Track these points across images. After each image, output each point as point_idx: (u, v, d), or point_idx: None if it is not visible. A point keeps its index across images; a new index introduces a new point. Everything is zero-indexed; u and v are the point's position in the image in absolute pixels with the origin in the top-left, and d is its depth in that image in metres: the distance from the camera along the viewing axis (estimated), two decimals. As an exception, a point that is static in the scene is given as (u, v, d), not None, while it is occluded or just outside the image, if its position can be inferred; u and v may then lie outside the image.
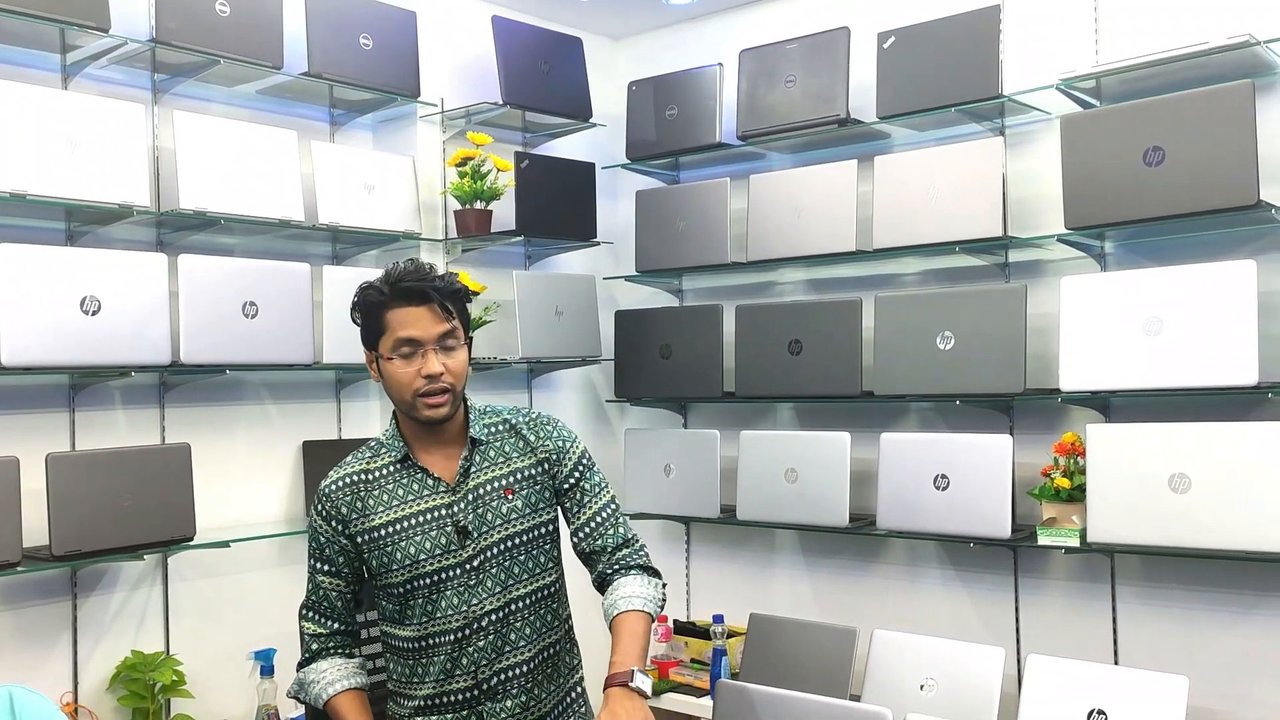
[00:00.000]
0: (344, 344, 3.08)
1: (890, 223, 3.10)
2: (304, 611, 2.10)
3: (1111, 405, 2.89)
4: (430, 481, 2.00)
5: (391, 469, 2.02)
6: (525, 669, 2.00)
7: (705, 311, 3.50)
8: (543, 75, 3.49)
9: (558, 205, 3.51)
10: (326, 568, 2.05)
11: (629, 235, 3.82)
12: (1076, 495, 2.79)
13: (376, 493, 2.01)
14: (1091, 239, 2.89)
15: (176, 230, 2.92)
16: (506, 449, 2.06)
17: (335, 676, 2.03)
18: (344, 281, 3.10)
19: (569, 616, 2.13)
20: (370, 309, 1.98)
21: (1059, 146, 2.83)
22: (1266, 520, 2.47)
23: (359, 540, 2.01)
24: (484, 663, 1.96)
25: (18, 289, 2.45)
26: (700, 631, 3.56)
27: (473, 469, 2.02)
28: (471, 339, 2.05)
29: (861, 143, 3.37)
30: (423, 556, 1.97)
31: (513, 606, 1.99)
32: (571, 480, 2.09)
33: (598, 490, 2.12)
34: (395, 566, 1.98)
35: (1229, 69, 2.65)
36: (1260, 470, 2.48)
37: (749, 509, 3.35)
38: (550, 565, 2.07)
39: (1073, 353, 2.75)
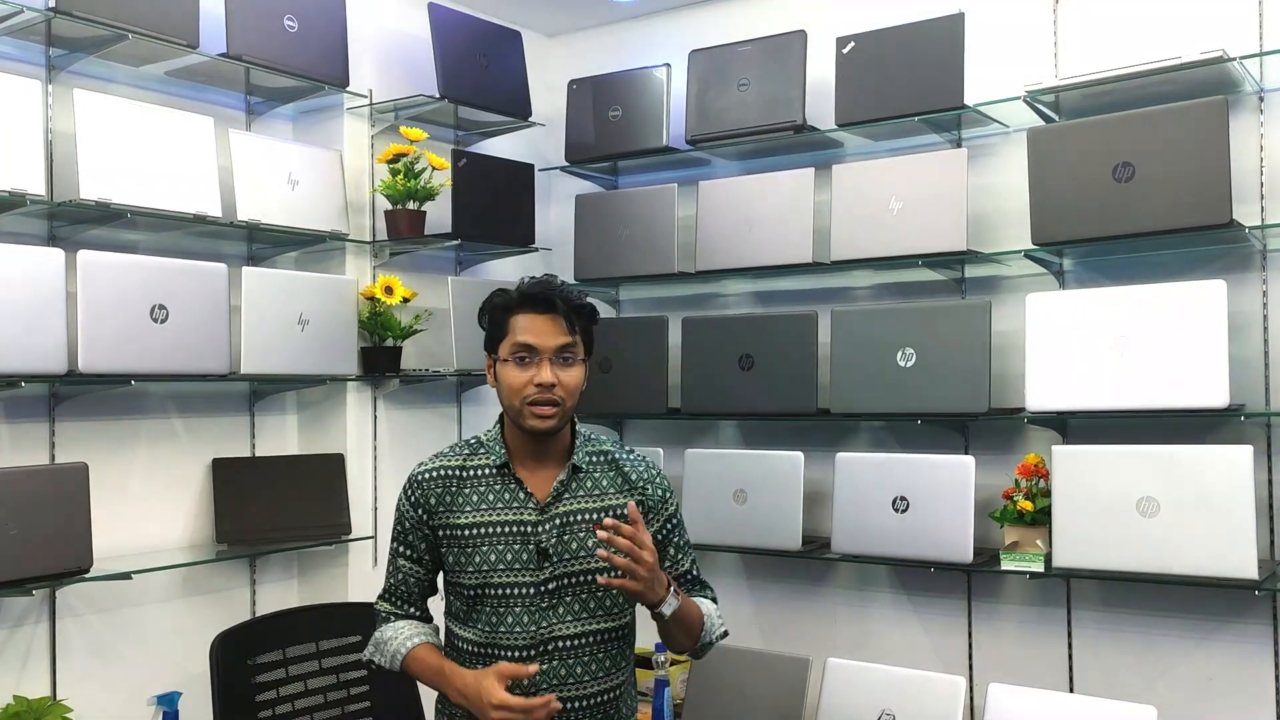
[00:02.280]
0: (264, 352, 2.81)
1: (849, 234, 2.99)
2: (381, 594, 2.11)
3: (1070, 426, 2.83)
4: (522, 495, 1.99)
5: (487, 471, 2.01)
6: (586, 704, 1.98)
7: (650, 324, 3.34)
8: (482, 69, 3.28)
9: (495, 208, 3.30)
10: (408, 552, 2.05)
11: (565, 241, 3.63)
12: (1040, 519, 2.71)
13: (468, 491, 2.00)
14: (1052, 255, 2.83)
15: (74, 223, 2.61)
16: (604, 483, 2.04)
17: (414, 631, 2.04)
18: (266, 284, 2.83)
19: (633, 661, 2.13)
20: (496, 311, 2.00)
21: (1021, 160, 2.77)
22: (1234, 545, 2.42)
23: (440, 533, 2.01)
24: (546, 688, 1.94)
25: (-112, 285, 2.13)
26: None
27: (566, 494, 2.00)
28: (587, 360, 2.02)
29: (813, 151, 3.26)
30: (501, 567, 1.96)
31: (589, 639, 1.98)
32: (667, 529, 2.09)
33: (685, 549, 2.14)
34: (470, 568, 1.97)
35: (1195, 86, 2.62)
36: (1229, 494, 2.43)
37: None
38: (627, 607, 2.04)
39: (1038, 372, 2.67)
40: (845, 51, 3.01)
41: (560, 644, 1.96)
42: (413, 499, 2.03)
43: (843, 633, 3.21)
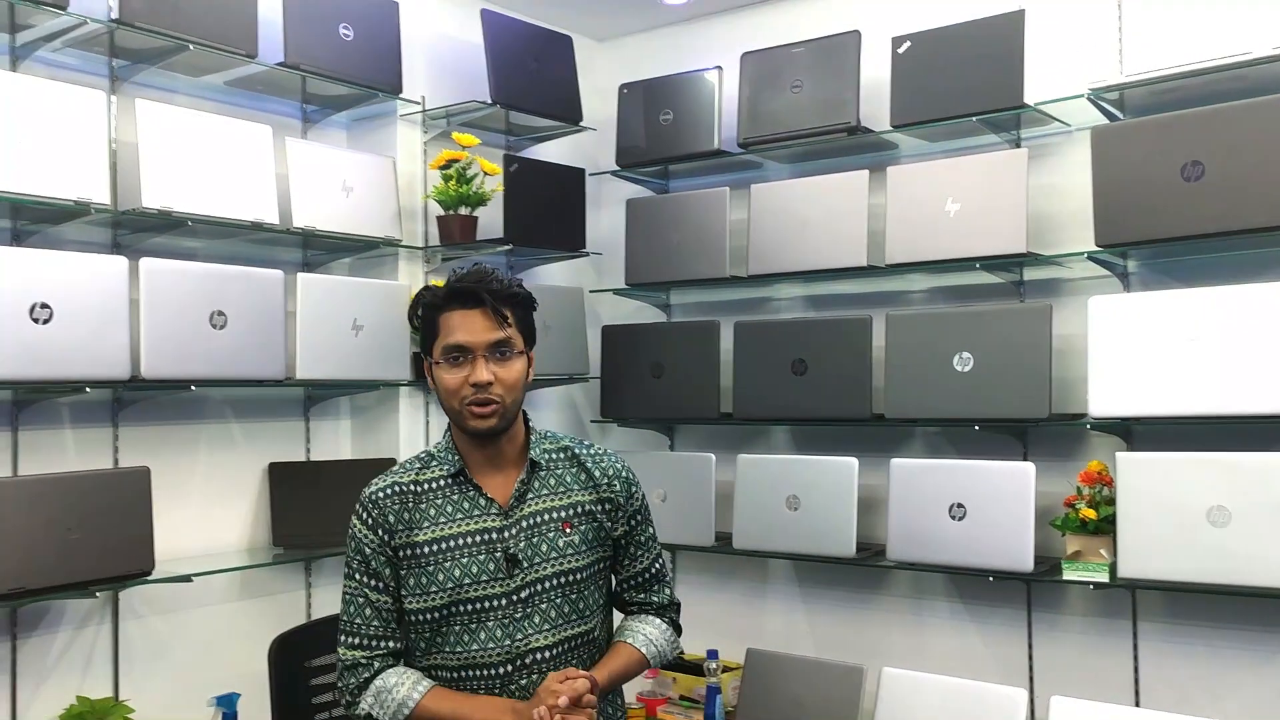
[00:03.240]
0: (318, 358, 2.83)
1: (904, 237, 2.94)
2: (346, 639, 1.90)
3: (1135, 433, 2.76)
4: (483, 501, 1.89)
5: (442, 483, 1.90)
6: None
7: (701, 328, 3.32)
8: (532, 74, 3.28)
9: (546, 213, 3.30)
10: (374, 582, 1.89)
11: (615, 246, 3.62)
12: (1104, 528, 2.64)
13: (424, 506, 1.89)
14: (1116, 257, 2.76)
15: (136, 231, 2.65)
16: (567, 479, 1.96)
17: (419, 677, 1.88)
18: (321, 290, 2.86)
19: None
20: (425, 311, 1.90)
21: (1084, 159, 2.71)
22: (1309, 556, 2.34)
23: (400, 555, 1.88)
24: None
25: (-42, 293, 2.18)
26: (689, 667, 3.35)
27: (529, 494, 1.91)
28: (528, 352, 1.92)
29: (867, 153, 3.22)
30: (467, 581, 1.85)
31: (565, 646, 1.89)
32: (628, 526, 2.01)
33: (651, 543, 2.07)
34: (434, 589, 1.85)
35: (1266, 82, 2.54)
36: (1303, 503, 2.35)
37: (746, 537, 3.16)
38: (596, 610, 1.97)
39: (1102, 377, 2.61)
40: (901, 51, 2.97)
41: (537, 656, 1.86)
42: (370, 521, 1.89)
43: (898, 642, 3.16)
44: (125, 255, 2.53)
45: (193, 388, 2.61)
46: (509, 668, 1.85)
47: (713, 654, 3.21)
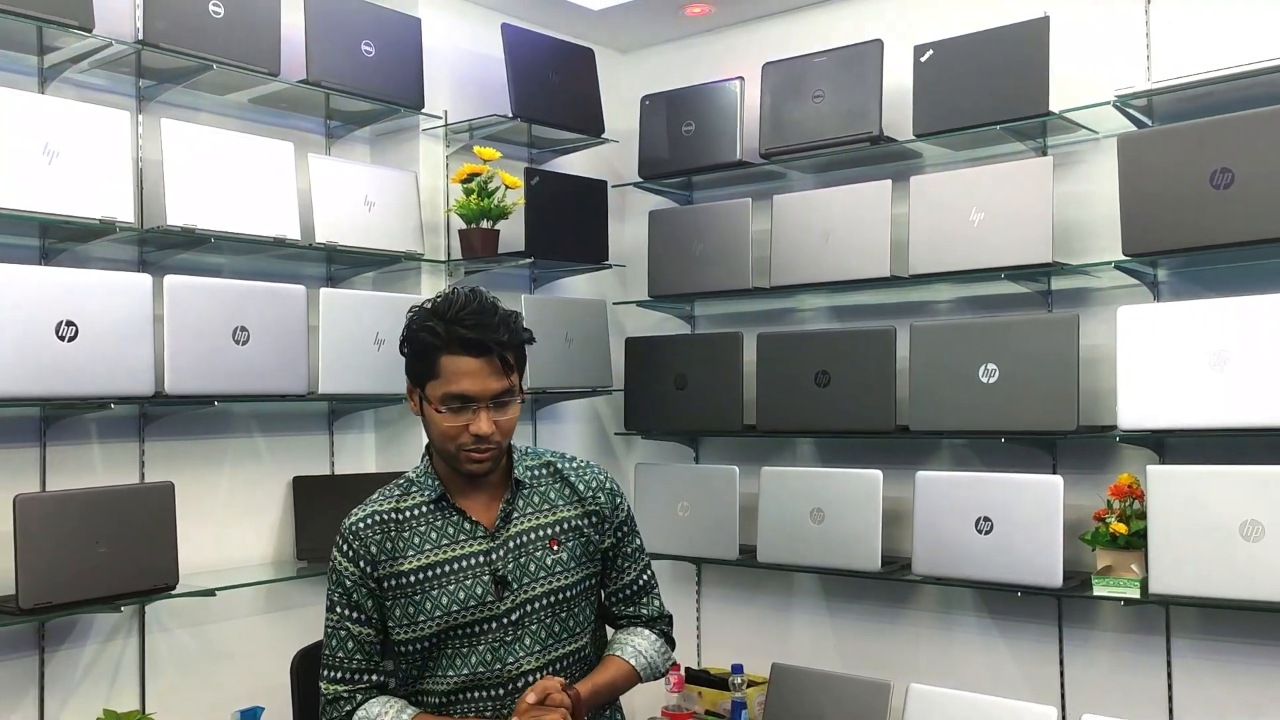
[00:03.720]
0: (341, 372, 2.84)
1: (928, 247, 2.91)
2: (329, 673, 1.86)
3: (1166, 445, 2.70)
4: (467, 525, 1.84)
5: (424, 509, 1.85)
6: None
7: (724, 340, 3.30)
8: (553, 87, 3.28)
9: (568, 225, 3.30)
10: (357, 615, 1.84)
11: (638, 257, 3.61)
12: (1135, 542, 2.59)
13: (408, 534, 1.84)
14: (1145, 266, 2.71)
15: (161, 249, 2.68)
16: (551, 495, 1.92)
17: (401, 705, 1.84)
18: (343, 305, 2.87)
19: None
20: (424, 350, 1.80)
21: (1109, 167, 2.67)
22: (1346, 572, 2.29)
23: (385, 585, 1.83)
24: None
25: (-13, 312, 2.21)
26: (714, 681, 3.33)
27: (515, 514, 1.87)
28: (522, 390, 1.88)
29: (890, 163, 3.19)
30: (455, 608, 1.80)
31: (555, 667, 1.86)
32: (614, 539, 1.98)
33: (638, 555, 2.04)
34: (423, 618, 1.81)
35: (1295, 88, 2.49)
36: (1340, 518, 2.30)
37: (770, 551, 3.13)
38: (586, 626, 1.94)
39: (1131, 388, 2.56)
40: (923, 60, 2.94)
41: (529, 679, 1.81)
42: (351, 553, 1.83)
43: (925, 657, 3.12)
44: (151, 272, 2.56)
45: (215, 403, 2.63)
46: (500, 691, 1.81)
47: (738, 668, 3.19)
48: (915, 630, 3.15)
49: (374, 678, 1.87)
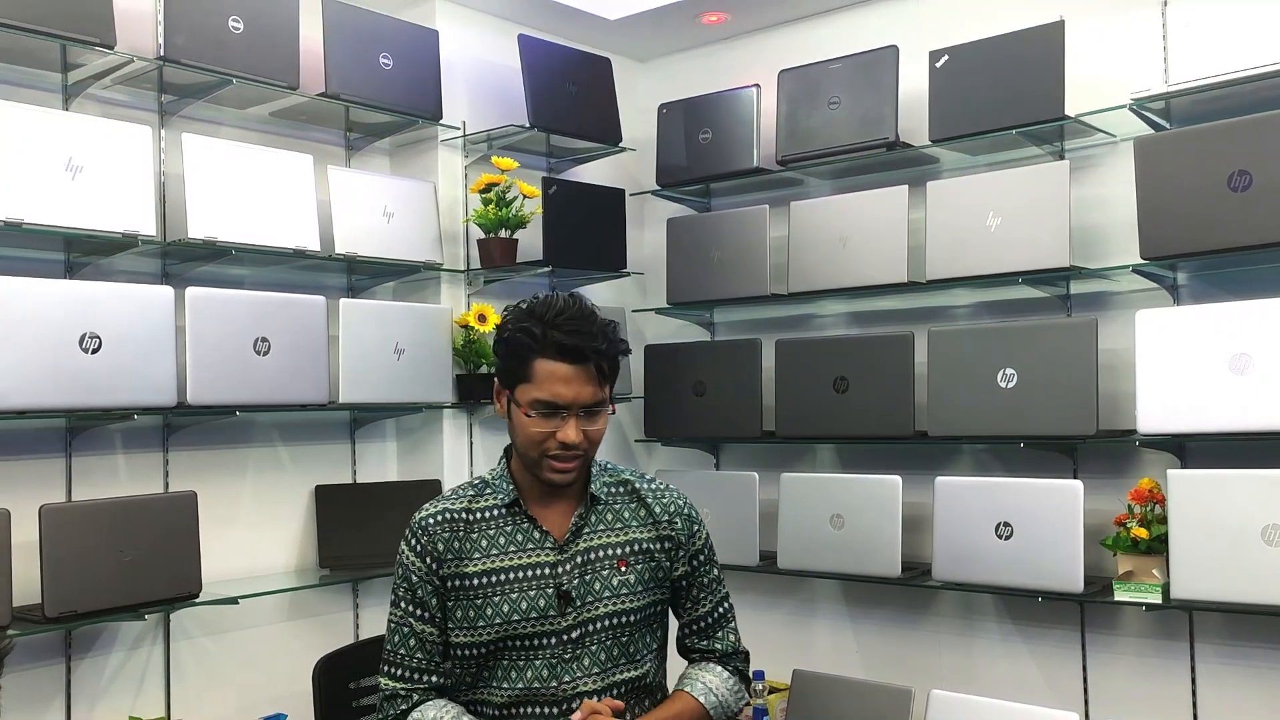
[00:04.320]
0: (361, 382, 2.87)
1: (945, 252, 2.91)
2: (388, 668, 1.83)
3: (1187, 449, 2.68)
4: (537, 535, 1.80)
5: (496, 513, 1.81)
6: None
7: (743, 346, 3.30)
8: (570, 97, 3.30)
9: (586, 234, 3.32)
10: (420, 612, 1.80)
11: (657, 265, 3.62)
12: (1156, 547, 2.57)
13: (476, 536, 1.80)
14: (1165, 270, 2.69)
15: (184, 261, 2.72)
16: (625, 515, 1.86)
17: (458, 712, 1.78)
18: (363, 315, 2.90)
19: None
20: (519, 350, 1.75)
21: (1127, 171, 2.66)
22: (1372, 576, 2.26)
23: (448, 585, 1.79)
24: None
25: (12, 325, 2.25)
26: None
27: (586, 529, 1.82)
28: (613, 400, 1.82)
29: (907, 168, 3.19)
30: (515, 617, 1.76)
31: (614, 692, 1.79)
32: (689, 567, 1.91)
33: (715, 585, 1.95)
34: (483, 623, 1.76)
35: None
36: (1365, 522, 2.27)
37: (791, 557, 3.13)
38: (648, 655, 1.87)
39: (1151, 392, 2.54)
40: (939, 65, 2.94)
41: (585, 700, 1.76)
42: (419, 548, 1.80)
43: (947, 663, 3.10)
44: (174, 284, 2.60)
45: (237, 413, 2.66)
46: (555, 710, 1.75)
47: (759, 675, 3.18)
48: (936, 636, 3.13)
49: (433, 679, 1.82)
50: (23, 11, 2.31)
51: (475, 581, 1.78)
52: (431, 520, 1.82)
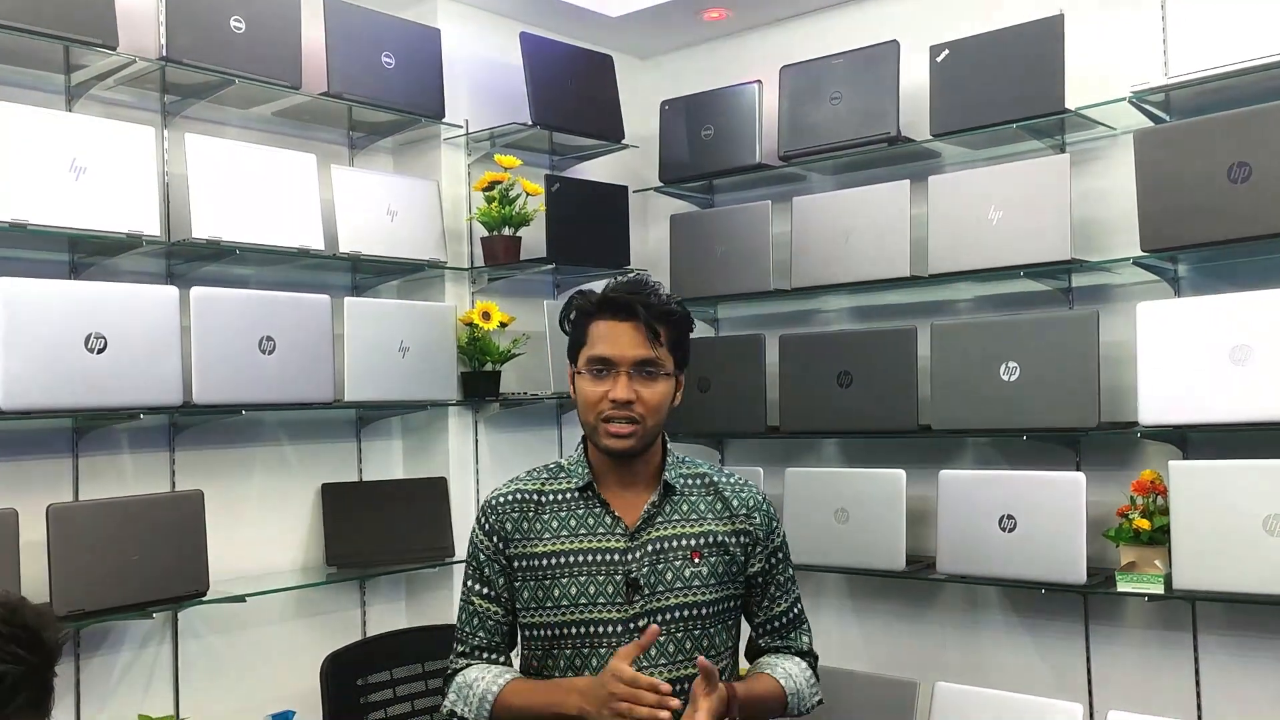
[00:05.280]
0: (366, 380, 2.88)
1: (947, 246, 2.91)
2: (456, 646, 1.87)
3: (1190, 440, 2.69)
4: (609, 519, 1.79)
5: (569, 495, 1.83)
6: None
7: (746, 342, 3.31)
8: (572, 95, 3.31)
9: (589, 231, 3.32)
10: (485, 590, 1.83)
11: (661, 262, 3.63)
12: (1158, 538, 2.58)
13: (547, 517, 1.81)
14: (1165, 262, 2.70)
15: (188, 261, 2.74)
16: (701, 507, 1.84)
17: (501, 670, 1.80)
18: (368, 314, 2.91)
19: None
20: (578, 316, 1.82)
21: (1127, 163, 2.66)
22: (1375, 566, 2.27)
23: (515, 565, 1.81)
24: None
25: (19, 326, 2.26)
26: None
27: (659, 518, 1.81)
28: (679, 375, 1.82)
29: (909, 163, 3.19)
30: (583, 601, 1.76)
31: (682, 687, 1.73)
32: (767, 564, 1.88)
33: (791, 585, 1.93)
34: (550, 604, 1.77)
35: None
36: (1367, 511, 2.28)
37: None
38: (724, 651, 1.84)
39: (1152, 384, 2.55)
40: (939, 60, 2.94)
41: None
42: (487, 526, 1.83)
43: (952, 655, 3.11)
44: (178, 284, 2.61)
45: (243, 412, 2.67)
46: None
47: (764, 669, 3.19)
48: (941, 629, 3.14)
49: (494, 656, 1.84)
50: (25, 13, 2.32)
51: (544, 561, 1.78)
52: (502, 500, 1.84)
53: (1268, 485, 2.38)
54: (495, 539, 1.82)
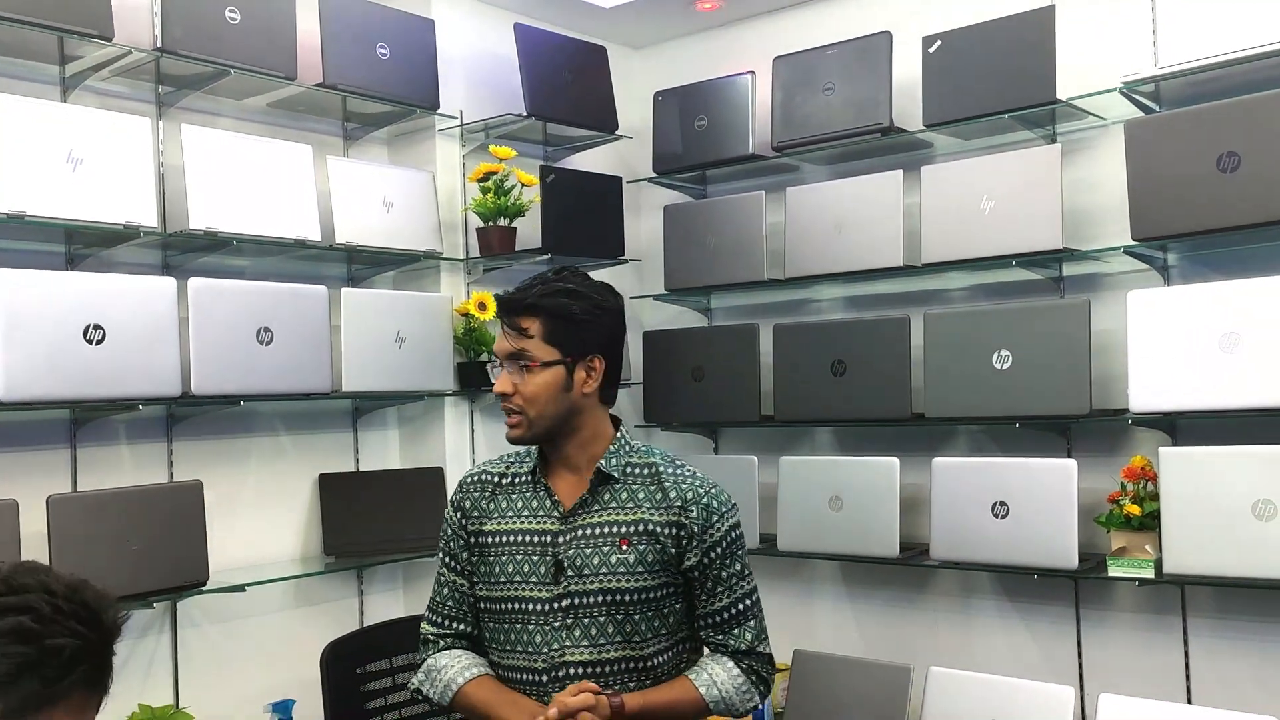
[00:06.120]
0: (363, 370, 2.90)
1: (940, 236, 2.94)
2: (427, 614, 1.98)
3: (1179, 427, 2.72)
4: (549, 503, 1.87)
5: (523, 479, 1.92)
6: None
7: (740, 331, 3.33)
8: (567, 86, 3.32)
9: (584, 221, 3.34)
10: (451, 562, 1.95)
11: (654, 252, 3.65)
12: (1148, 523, 2.62)
13: (501, 498, 1.91)
14: (1155, 251, 2.73)
15: (185, 252, 2.74)
16: (640, 495, 1.86)
17: (471, 661, 1.90)
18: (365, 304, 2.92)
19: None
20: None
21: (1118, 153, 2.69)
22: (1361, 549, 2.30)
23: (473, 540, 1.91)
24: None
25: (18, 317, 2.27)
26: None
27: (595, 504, 1.86)
28: (569, 363, 1.82)
29: (902, 153, 3.21)
30: (517, 578, 1.85)
31: (609, 667, 1.81)
32: (704, 560, 1.85)
33: (735, 582, 1.88)
34: (490, 579, 1.88)
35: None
36: (1353, 496, 2.31)
37: (791, 539, 3.17)
38: (651, 637, 1.84)
39: (1142, 371, 2.58)
40: (932, 51, 2.96)
41: (571, 670, 1.80)
42: (455, 502, 1.95)
43: (945, 641, 3.15)
44: (175, 276, 2.62)
45: (241, 403, 2.68)
46: (545, 677, 1.81)
47: (758, 656, 3.22)
48: (934, 614, 3.18)
49: (461, 626, 1.94)
50: (20, 4, 2.32)
51: (490, 540, 1.88)
52: (470, 479, 1.96)
53: (1256, 471, 2.41)
54: (459, 515, 1.93)
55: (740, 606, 1.89)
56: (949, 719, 2.75)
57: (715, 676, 1.86)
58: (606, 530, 1.83)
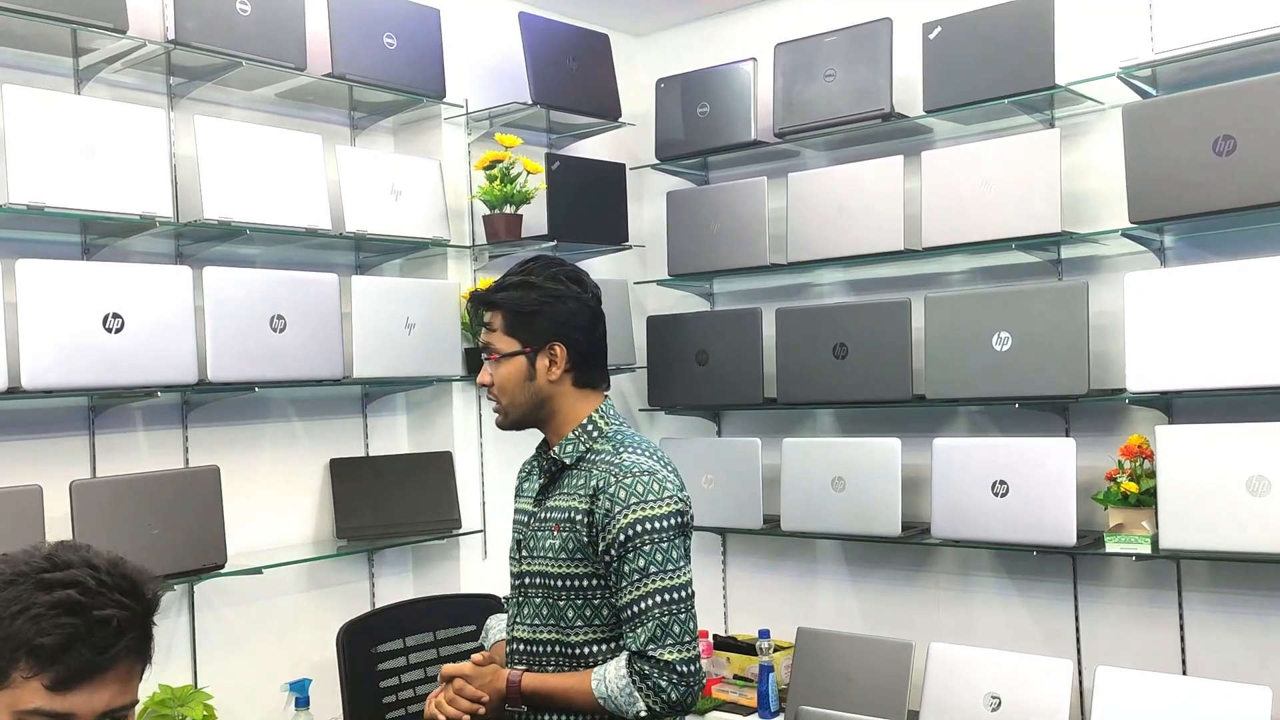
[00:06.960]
0: (373, 357, 2.94)
1: (940, 220, 2.99)
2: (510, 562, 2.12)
3: (1175, 405, 2.78)
4: (537, 487, 2.01)
5: (535, 465, 2.07)
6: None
7: (744, 315, 3.38)
8: (571, 74, 3.36)
9: (588, 208, 3.38)
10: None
11: (657, 238, 3.70)
12: (1145, 500, 2.68)
13: (525, 480, 2.09)
14: (1152, 233, 2.78)
15: (198, 241, 2.78)
16: (579, 483, 1.90)
17: (502, 627, 2.08)
18: (374, 292, 2.97)
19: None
20: None
21: (1115, 137, 2.73)
22: (1352, 524, 2.36)
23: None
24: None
25: (40, 306, 2.31)
26: (741, 647, 3.43)
27: (555, 489, 1.96)
28: (530, 351, 1.92)
29: (902, 138, 3.26)
30: (512, 556, 2.03)
31: (542, 648, 1.93)
32: (608, 553, 1.83)
33: (636, 580, 1.79)
34: (509, 555, 2.06)
35: (1297, 54, 2.55)
36: (1345, 472, 2.37)
37: (794, 519, 3.22)
38: (581, 626, 1.87)
39: (1139, 352, 2.64)
40: (932, 37, 3.00)
41: (516, 646, 1.95)
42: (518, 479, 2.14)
43: (946, 617, 3.21)
44: (188, 265, 2.66)
45: (256, 389, 2.73)
46: (511, 647, 1.98)
47: (764, 634, 3.28)
48: (935, 592, 3.24)
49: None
50: (35, -2, 2.36)
51: (513, 518, 2.07)
52: (523, 463, 2.14)
53: (1250, 448, 2.47)
54: (515, 495, 2.12)
55: (640, 606, 1.79)
56: (950, 693, 2.81)
57: (607, 674, 1.81)
58: (551, 516, 1.93)
